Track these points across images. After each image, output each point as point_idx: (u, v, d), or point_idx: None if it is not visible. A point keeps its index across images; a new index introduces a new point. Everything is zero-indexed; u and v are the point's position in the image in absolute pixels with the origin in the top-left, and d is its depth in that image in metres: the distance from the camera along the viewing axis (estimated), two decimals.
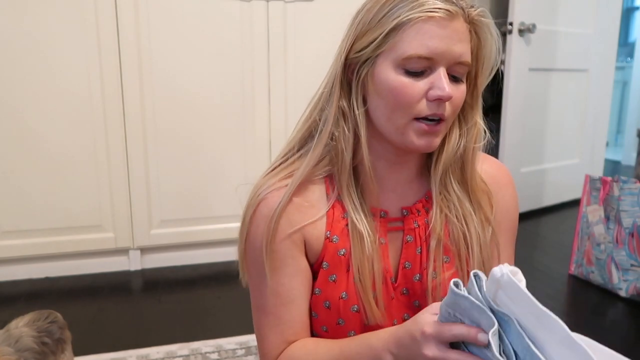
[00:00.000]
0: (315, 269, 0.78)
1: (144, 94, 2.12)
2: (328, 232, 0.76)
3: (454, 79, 0.70)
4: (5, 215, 2.07)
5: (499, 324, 0.53)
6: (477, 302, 0.53)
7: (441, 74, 0.68)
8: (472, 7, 0.70)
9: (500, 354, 0.52)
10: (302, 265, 0.77)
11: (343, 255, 0.76)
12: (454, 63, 0.69)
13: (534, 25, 2.70)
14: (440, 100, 0.69)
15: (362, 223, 0.75)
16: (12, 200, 2.06)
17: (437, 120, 0.70)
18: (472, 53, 0.72)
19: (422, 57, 0.67)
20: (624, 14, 4.15)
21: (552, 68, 3.00)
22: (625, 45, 5.00)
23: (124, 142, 2.13)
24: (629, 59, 4.97)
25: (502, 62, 2.94)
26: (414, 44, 0.67)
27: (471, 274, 0.56)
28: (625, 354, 0.52)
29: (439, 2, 0.67)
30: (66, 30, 2.00)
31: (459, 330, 0.55)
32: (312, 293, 0.78)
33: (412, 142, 0.71)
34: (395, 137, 0.72)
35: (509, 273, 0.52)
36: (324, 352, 0.73)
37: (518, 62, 2.75)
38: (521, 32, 2.70)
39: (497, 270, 0.53)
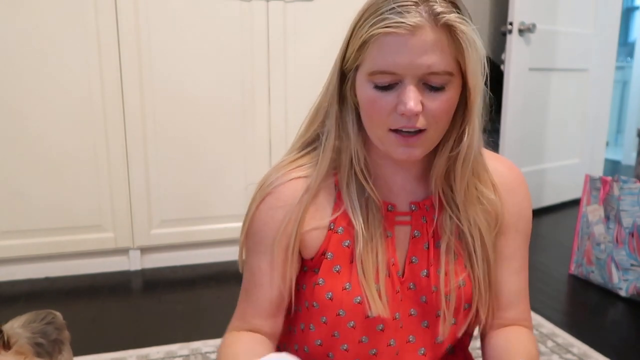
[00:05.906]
0: (316, 260, 0.79)
1: (144, 93, 2.12)
2: (332, 224, 0.78)
3: (433, 88, 0.68)
4: (5, 215, 2.07)
5: None
6: None
7: (408, 88, 0.67)
8: (446, 11, 0.66)
9: None
10: (289, 258, 0.78)
11: (347, 246, 0.78)
12: (425, 74, 0.66)
13: (533, 25, 2.70)
14: (406, 115, 0.68)
15: (357, 220, 0.76)
16: (12, 200, 2.06)
17: (413, 131, 0.69)
18: (454, 58, 0.68)
19: (385, 73, 0.67)
20: (624, 14, 4.15)
21: (552, 68, 2.99)
22: (625, 45, 5.00)
23: (124, 142, 2.13)
24: (629, 59, 4.96)
25: (502, 62, 2.94)
26: (377, 59, 0.67)
27: None
28: (625, 354, 0.53)
29: (398, 17, 0.64)
30: (66, 30, 2.00)
31: None
32: (316, 284, 0.79)
33: (392, 153, 0.72)
34: (379, 146, 0.74)
35: None
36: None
37: (518, 61, 2.75)
38: (521, 32, 2.70)
39: None
